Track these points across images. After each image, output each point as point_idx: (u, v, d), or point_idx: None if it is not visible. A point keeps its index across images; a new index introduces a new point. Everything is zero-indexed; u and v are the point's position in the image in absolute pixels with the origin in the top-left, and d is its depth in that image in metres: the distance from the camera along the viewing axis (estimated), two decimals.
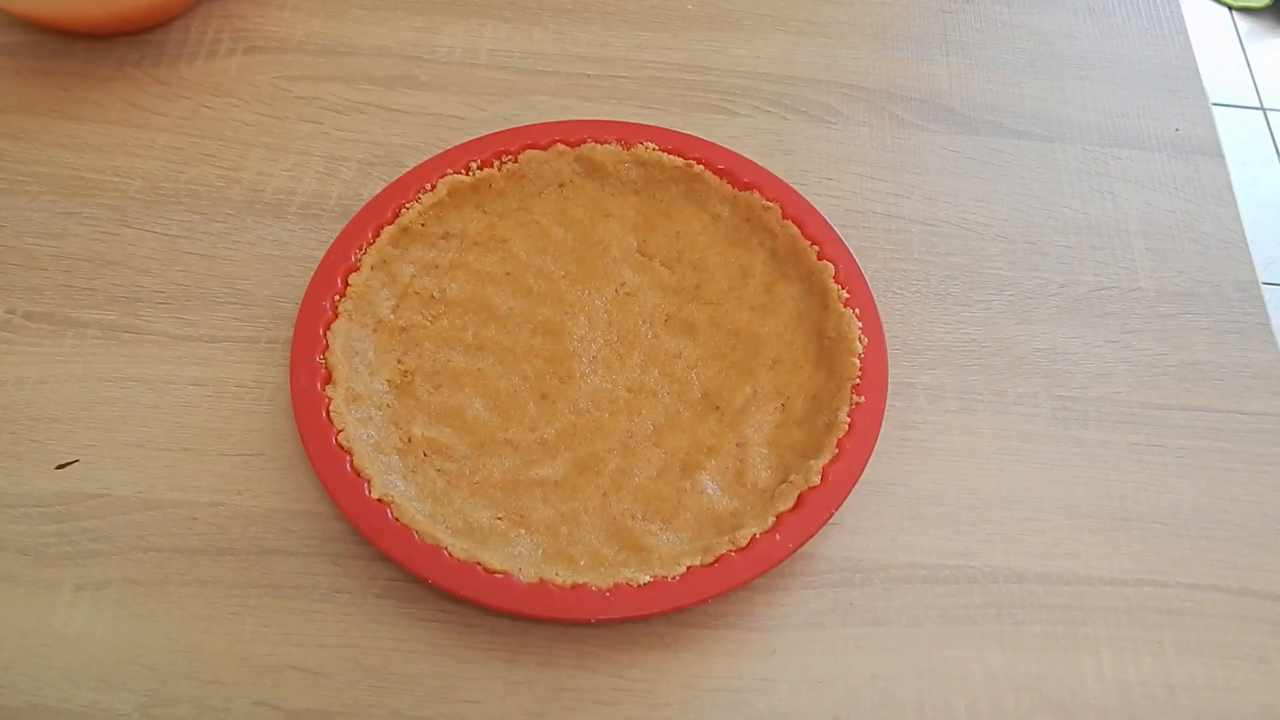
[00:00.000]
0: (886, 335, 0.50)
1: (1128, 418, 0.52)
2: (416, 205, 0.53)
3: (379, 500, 0.43)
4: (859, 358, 0.48)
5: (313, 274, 0.50)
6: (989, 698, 0.44)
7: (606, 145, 0.56)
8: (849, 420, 0.47)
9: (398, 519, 0.43)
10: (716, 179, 0.55)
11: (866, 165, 0.60)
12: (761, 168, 0.55)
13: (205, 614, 0.44)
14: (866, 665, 0.44)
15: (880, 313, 0.50)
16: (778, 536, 0.44)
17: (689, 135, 0.57)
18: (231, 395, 0.49)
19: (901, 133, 0.61)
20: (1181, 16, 0.69)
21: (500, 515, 0.46)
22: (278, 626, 0.44)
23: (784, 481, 0.46)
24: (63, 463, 0.47)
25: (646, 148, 0.56)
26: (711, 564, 0.43)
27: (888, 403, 0.48)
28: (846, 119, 0.62)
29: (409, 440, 0.48)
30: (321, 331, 0.48)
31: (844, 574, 0.46)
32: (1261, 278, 0.57)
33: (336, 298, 0.49)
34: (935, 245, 0.57)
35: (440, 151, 0.56)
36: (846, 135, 0.61)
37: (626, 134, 0.56)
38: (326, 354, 0.47)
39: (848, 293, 0.51)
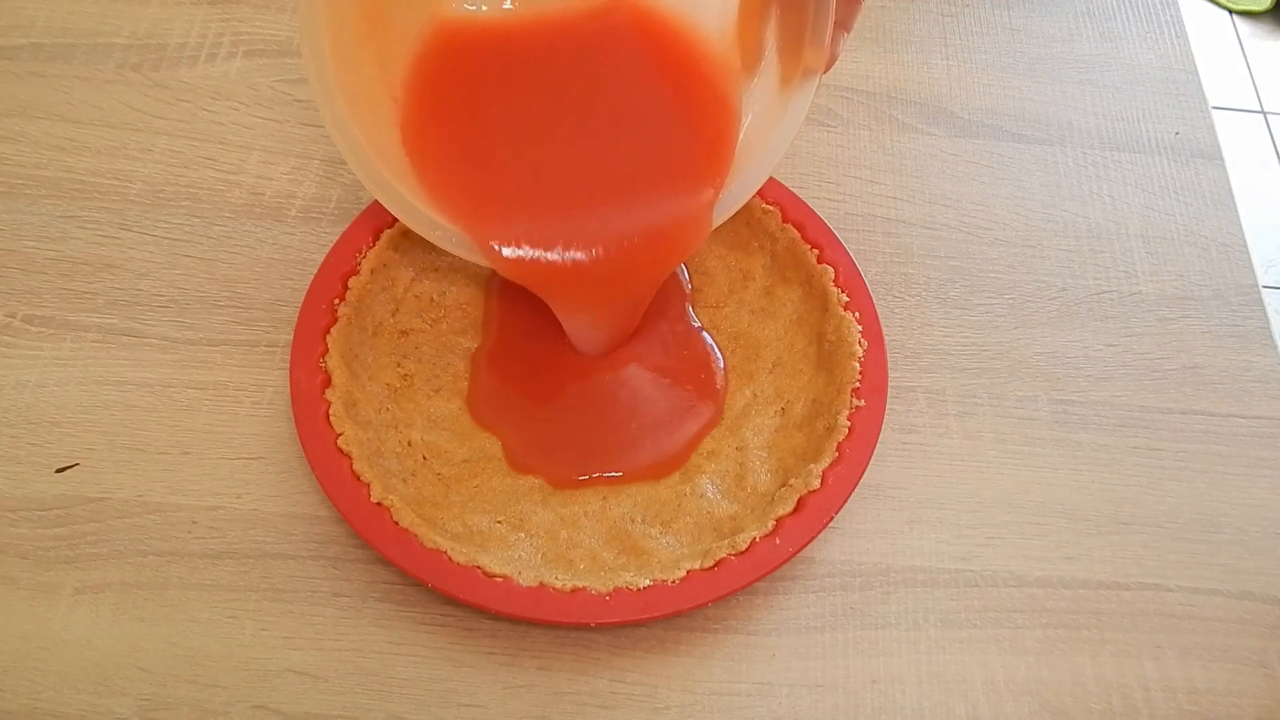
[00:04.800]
0: (886, 339, 0.50)
1: (1128, 421, 0.51)
2: None
3: (378, 504, 0.43)
4: (859, 361, 0.48)
5: (313, 277, 0.50)
6: (989, 702, 0.44)
7: None
8: (849, 424, 0.47)
9: (397, 523, 0.43)
10: None
11: (866, 169, 0.60)
12: None
13: (204, 618, 0.44)
14: (866, 669, 0.44)
15: (880, 316, 0.50)
16: (777, 540, 0.44)
17: None
18: (231, 399, 0.49)
19: (901, 136, 0.62)
20: (1181, 20, 0.69)
21: (500, 519, 0.46)
22: (277, 630, 0.44)
23: (784, 485, 0.46)
24: (62, 466, 0.47)
25: None
26: (711, 568, 0.43)
27: (888, 406, 0.48)
28: (846, 122, 0.62)
29: (409, 444, 0.48)
30: (321, 335, 0.48)
31: (844, 578, 0.46)
32: (1261, 281, 0.57)
33: (336, 301, 0.49)
34: (935, 249, 0.57)
35: None
36: (846, 139, 0.61)
37: None
38: (326, 358, 0.47)
39: (848, 296, 0.51)
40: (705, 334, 0.52)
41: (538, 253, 0.44)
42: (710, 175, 0.44)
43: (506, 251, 0.44)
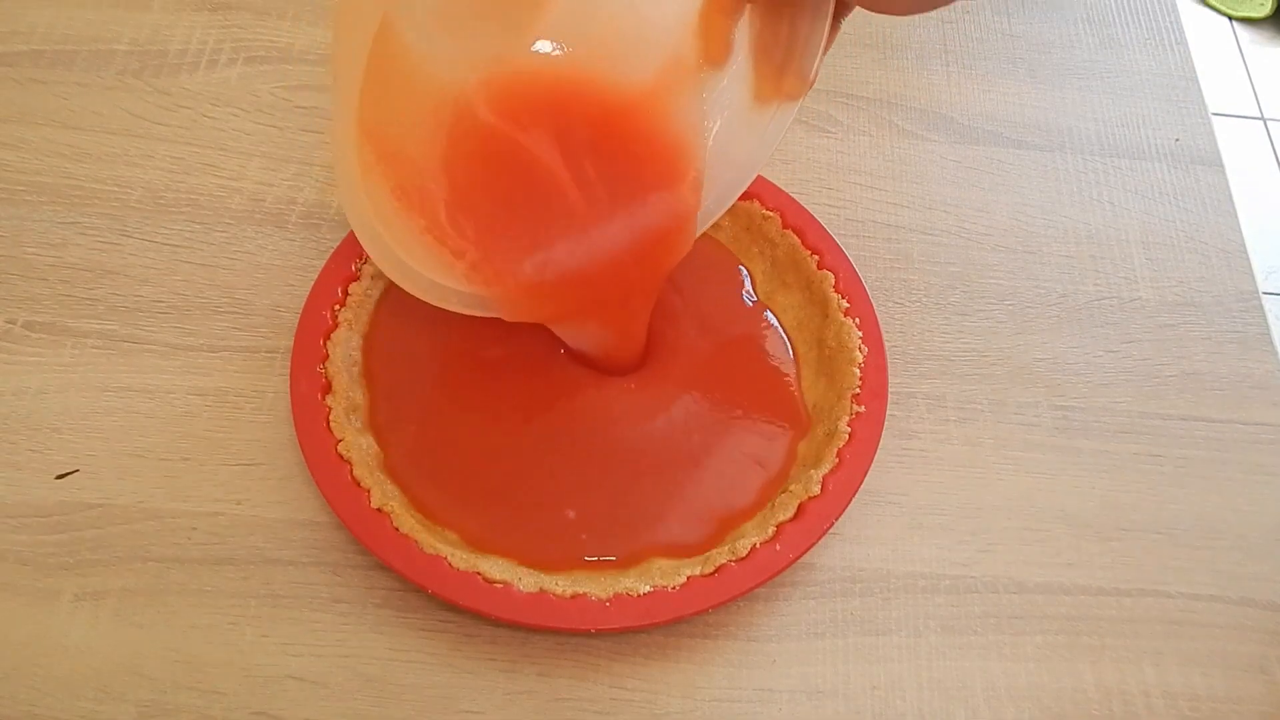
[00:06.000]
0: (886, 345, 0.50)
1: (1128, 428, 0.51)
2: None
3: (379, 510, 0.43)
4: (859, 367, 0.48)
5: (313, 283, 0.50)
6: (989, 708, 0.44)
7: None
8: (849, 430, 0.47)
9: (397, 529, 0.43)
10: None
11: (866, 175, 0.60)
12: (762, 177, 0.55)
13: (204, 624, 0.44)
14: (867, 675, 0.44)
15: (880, 322, 0.50)
16: (778, 546, 0.44)
17: None
18: (231, 405, 0.49)
19: (901, 142, 0.62)
20: (1181, 26, 0.69)
21: None
22: (277, 636, 0.44)
23: (784, 491, 0.46)
24: (62, 473, 0.47)
25: None
26: (711, 574, 0.43)
27: (888, 412, 0.48)
28: (846, 128, 0.62)
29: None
30: (321, 341, 0.48)
31: (844, 584, 0.46)
32: (1261, 288, 0.57)
33: (337, 307, 0.49)
34: (935, 255, 0.57)
35: None
36: (846, 145, 0.61)
37: None
38: (326, 364, 0.47)
39: (848, 302, 0.51)
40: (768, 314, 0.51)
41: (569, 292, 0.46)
42: (679, 188, 0.45)
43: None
